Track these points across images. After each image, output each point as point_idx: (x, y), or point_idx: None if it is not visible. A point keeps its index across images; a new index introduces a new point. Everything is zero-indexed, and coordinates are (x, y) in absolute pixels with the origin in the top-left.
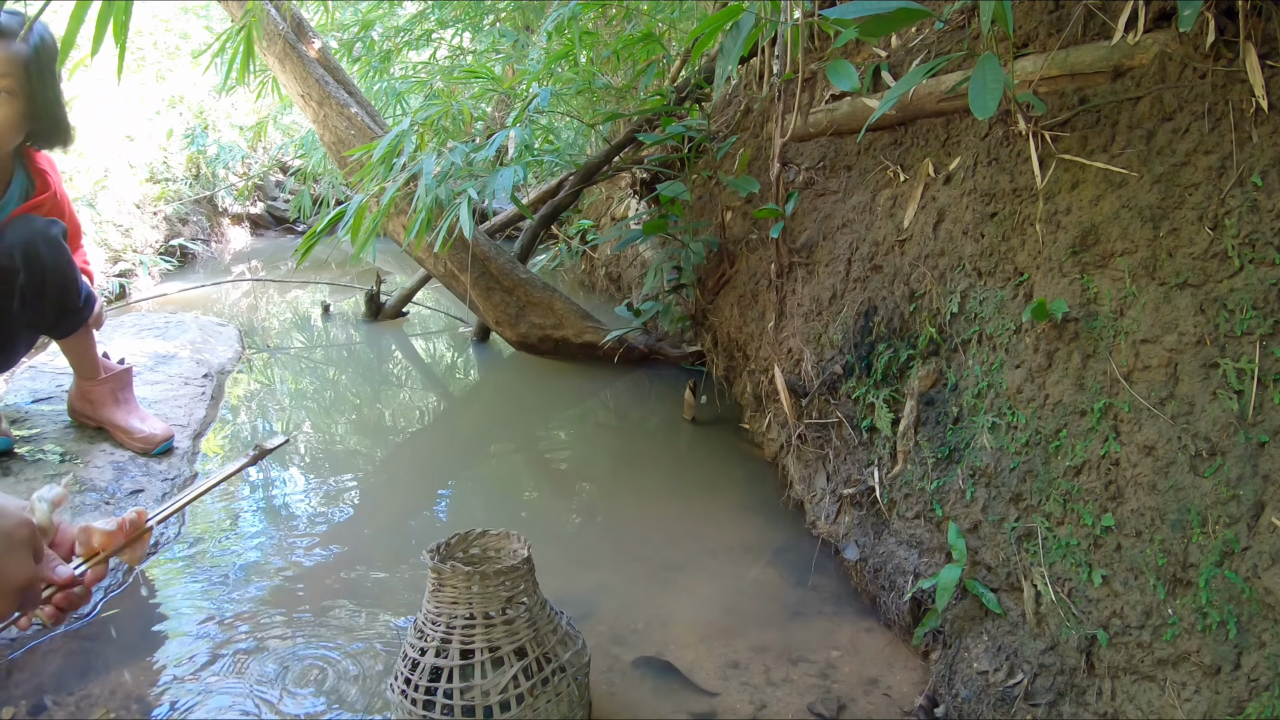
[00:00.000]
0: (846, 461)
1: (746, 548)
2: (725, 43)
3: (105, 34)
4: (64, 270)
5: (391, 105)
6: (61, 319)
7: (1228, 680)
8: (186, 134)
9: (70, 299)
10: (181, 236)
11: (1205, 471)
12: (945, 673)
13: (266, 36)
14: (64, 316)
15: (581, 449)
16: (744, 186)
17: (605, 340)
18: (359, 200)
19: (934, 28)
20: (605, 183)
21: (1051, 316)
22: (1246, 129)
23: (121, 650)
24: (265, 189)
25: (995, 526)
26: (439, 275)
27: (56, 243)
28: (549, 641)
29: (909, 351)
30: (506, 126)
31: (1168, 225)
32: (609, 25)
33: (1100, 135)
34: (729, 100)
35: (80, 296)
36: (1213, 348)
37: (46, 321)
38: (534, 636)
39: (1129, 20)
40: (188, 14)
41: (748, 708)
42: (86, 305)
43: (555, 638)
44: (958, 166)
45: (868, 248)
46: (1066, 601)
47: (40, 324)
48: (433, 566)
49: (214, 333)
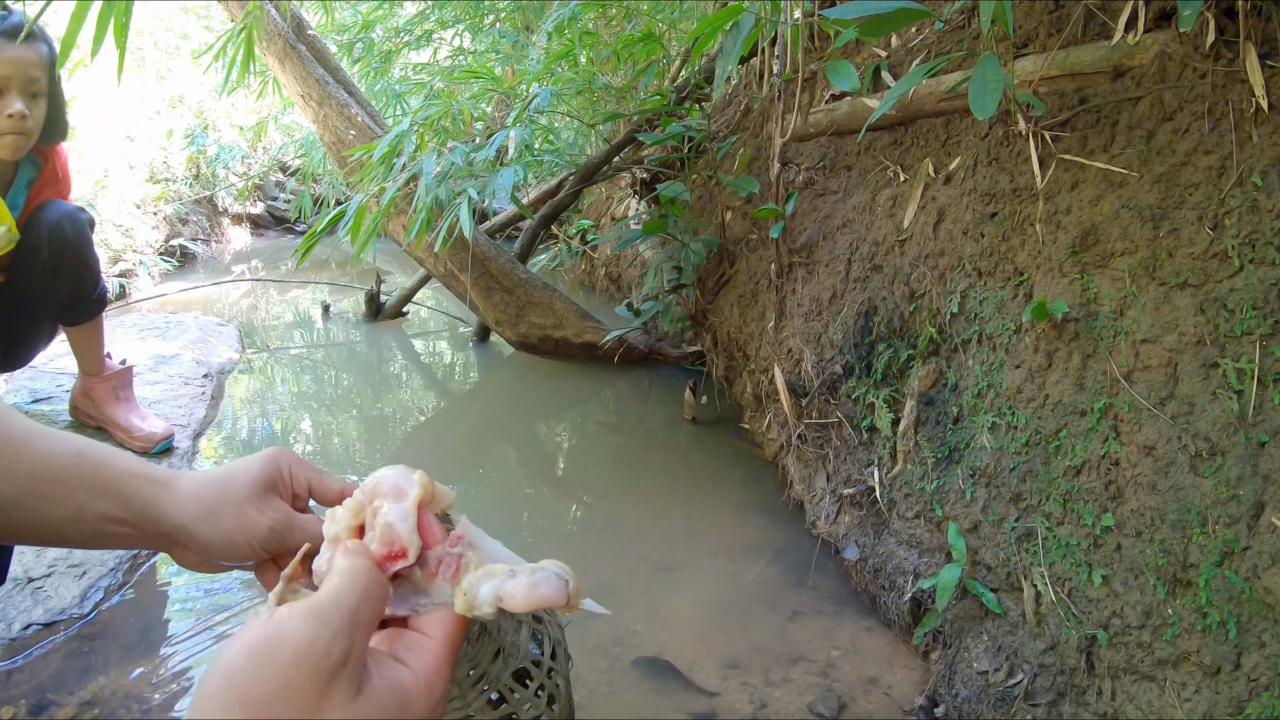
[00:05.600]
0: (846, 461)
1: (746, 548)
2: (725, 43)
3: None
4: (85, 254)
5: (392, 105)
6: (76, 304)
7: (1228, 680)
8: (186, 134)
9: (87, 285)
10: (181, 236)
11: (1205, 471)
12: (945, 673)
13: (266, 36)
14: (79, 302)
15: (581, 449)
16: (744, 186)
17: (605, 340)
18: (359, 200)
19: (934, 28)
20: (605, 183)
21: (1051, 316)
22: (1246, 129)
23: (121, 650)
24: (265, 189)
25: (995, 526)
26: (439, 275)
27: (82, 227)
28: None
29: (909, 351)
30: (506, 126)
31: (1168, 225)
32: (609, 25)
33: (1100, 135)
34: (729, 100)
35: (97, 286)
36: (1213, 348)
37: (61, 305)
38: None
39: (1129, 20)
40: (188, 14)
41: (748, 708)
42: (101, 297)
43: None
44: (958, 166)
45: (868, 248)
46: (1066, 601)
47: (54, 306)
48: None
49: (214, 333)
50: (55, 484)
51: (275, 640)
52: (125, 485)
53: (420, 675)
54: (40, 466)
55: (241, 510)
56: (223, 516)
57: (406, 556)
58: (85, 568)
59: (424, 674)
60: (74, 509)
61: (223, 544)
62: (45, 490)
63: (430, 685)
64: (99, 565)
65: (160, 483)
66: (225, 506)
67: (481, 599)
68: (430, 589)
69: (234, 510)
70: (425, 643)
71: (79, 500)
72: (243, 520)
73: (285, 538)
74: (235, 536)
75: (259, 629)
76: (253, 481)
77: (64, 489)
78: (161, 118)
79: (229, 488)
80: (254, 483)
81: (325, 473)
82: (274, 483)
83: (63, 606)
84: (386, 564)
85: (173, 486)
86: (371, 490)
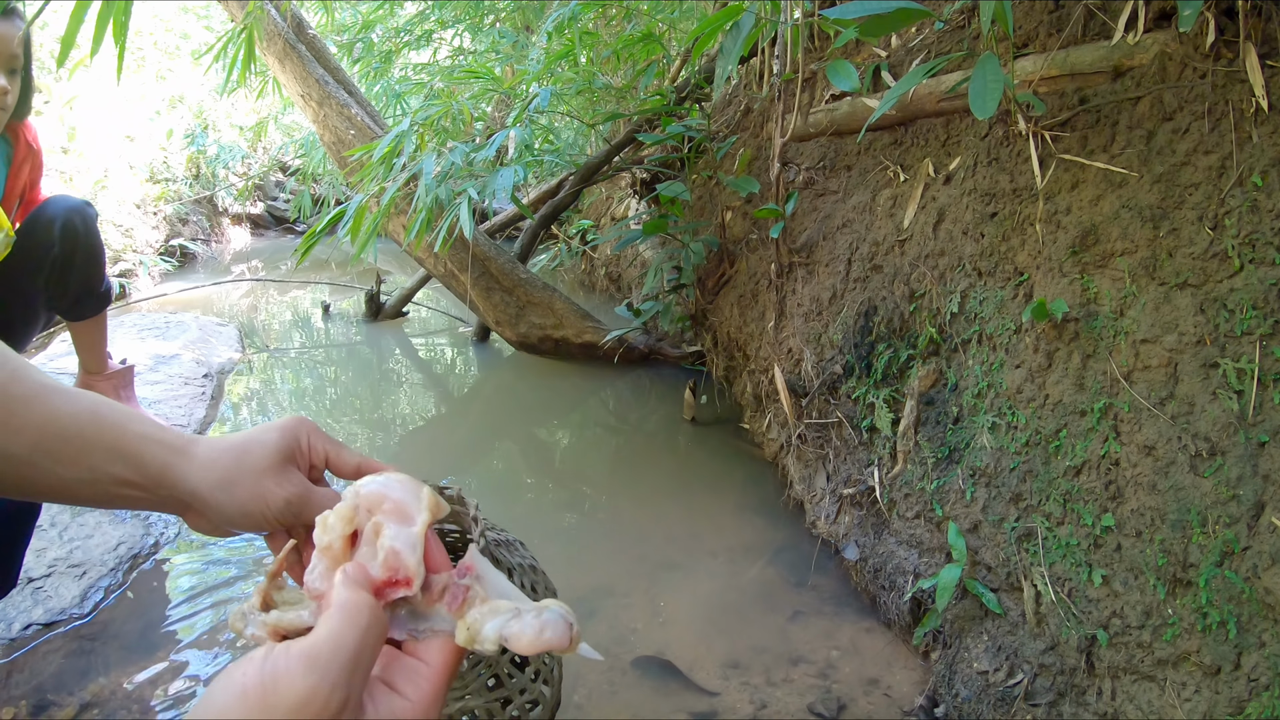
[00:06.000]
0: (846, 461)
1: (746, 548)
2: (725, 43)
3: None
4: (95, 249)
5: (392, 105)
6: (83, 299)
7: (1228, 680)
8: (186, 134)
9: (95, 280)
10: (181, 236)
11: (1205, 471)
12: (945, 673)
13: (266, 36)
14: (86, 296)
15: (581, 449)
16: (744, 186)
17: (605, 340)
18: (359, 200)
19: (934, 28)
20: (605, 183)
21: (1051, 316)
22: (1246, 129)
23: (121, 650)
24: (265, 189)
25: (995, 526)
26: (439, 275)
27: (92, 221)
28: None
29: (909, 351)
30: (506, 126)
31: (1168, 225)
32: (609, 25)
33: (1100, 135)
34: (729, 100)
35: (104, 280)
36: (1213, 348)
37: (68, 299)
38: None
39: (1129, 20)
40: (188, 14)
41: (748, 708)
42: (107, 292)
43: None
44: (958, 166)
45: (868, 248)
46: (1066, 601)
47: (61, 302)
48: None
49: (214, 333)
50: (68, 443)
51: (272, 689)
52: (140, 449)
53: (417, 706)
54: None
55: (258, 481)
56: (239, 486)
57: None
58: (85, 568)
59: (420, 704)
60: (86, 470)
61: (237, 513)
62: (58, 450)
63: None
64: (99, 565)
65: (176, 448)
66: (242, 476)
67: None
68: (430, 614)
69: (250, 481)
70: (422, 670)
71: (92, 461)
72: (259, 491)
73: (300, 511)
74: (250, 507)
75: (254, 673)
76: (271, 452)
77: (77, 449)
78: (161, 118)
79: (247, 457)
80: (272, 453)
81: (344, 445)
82: (292, 453)
83: (63, 606)
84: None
85: (189, 453)
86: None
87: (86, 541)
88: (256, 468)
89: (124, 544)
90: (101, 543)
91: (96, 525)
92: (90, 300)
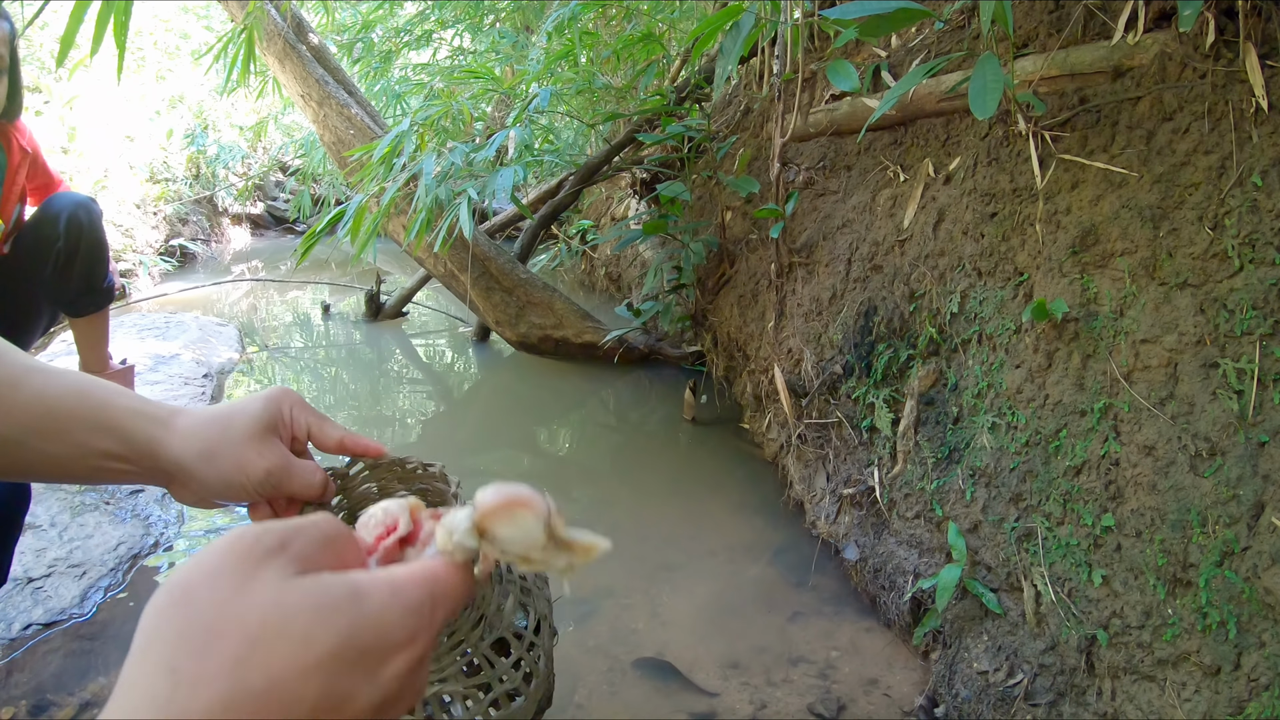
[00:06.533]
0: (846, 461)
1: (746, 548)
2: (725, 43)
3: (105, 34)
4: (99, 244)
5: (391, 105)
6: (85, 295)
7: (1228, 680)
8: (186, 134)
9: (98, 276)
10: (181, 236)
11: (1205, 471)
12: (945, 673)
13: (266, 36)
14: (88, 292)
15: (581, 449)
16: (744, 186)
17: (605, 340)
18: (359, 200)
19: (934, 28)
20: (605, 183)
21: (1051, 316)
22: (1246, 129)
23: (121, 650)
24: (265, 189)
25: (995, 526)
26: (439, 275)
27: (97, 216)
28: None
29: (909, 351)
30: (506, 126)
31: (1168, 225)
32: (609, 25)
33: (1100, 135)
34: (729, 100)
35: (107, 277)
36: (1213, 348)
37: (71, 295)
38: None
39: (1129, 20)
40: (188, 14)
41: (748, 708)
42: (109, 288)
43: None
44: (958, 166)
45: (868, 248)
46: (1066, 601)
47: (64, 297)
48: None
49: (214, 333)
50: (56, 421)
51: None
52: (125, 423)
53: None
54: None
55: (240, 452)
56: (221, 457)
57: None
58: (85, 568)
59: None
60: (74, 446)
61: (219, 484)
62: (46, 428)
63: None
64: (99, 565)
65: (160, 420)
66: (224, 447)
67: (458, 522)
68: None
69: (232, 451)
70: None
71: (79, 438)
72: (240, 462)
73: (281, 482)
74: (232, 477)
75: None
76: (253, 423)
77: (64, 426)
78: (161, 118)
79: (229, 429)
80: (254, 424)
81: (327, 418)
82: (274, 424)
83: (63, 606)
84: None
85: (171, 425)
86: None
87: (86, 541)
88: (238, 438)
89: (124, 544)
90: (101, 543)
91: (96, 525)
92: (93, 296)
